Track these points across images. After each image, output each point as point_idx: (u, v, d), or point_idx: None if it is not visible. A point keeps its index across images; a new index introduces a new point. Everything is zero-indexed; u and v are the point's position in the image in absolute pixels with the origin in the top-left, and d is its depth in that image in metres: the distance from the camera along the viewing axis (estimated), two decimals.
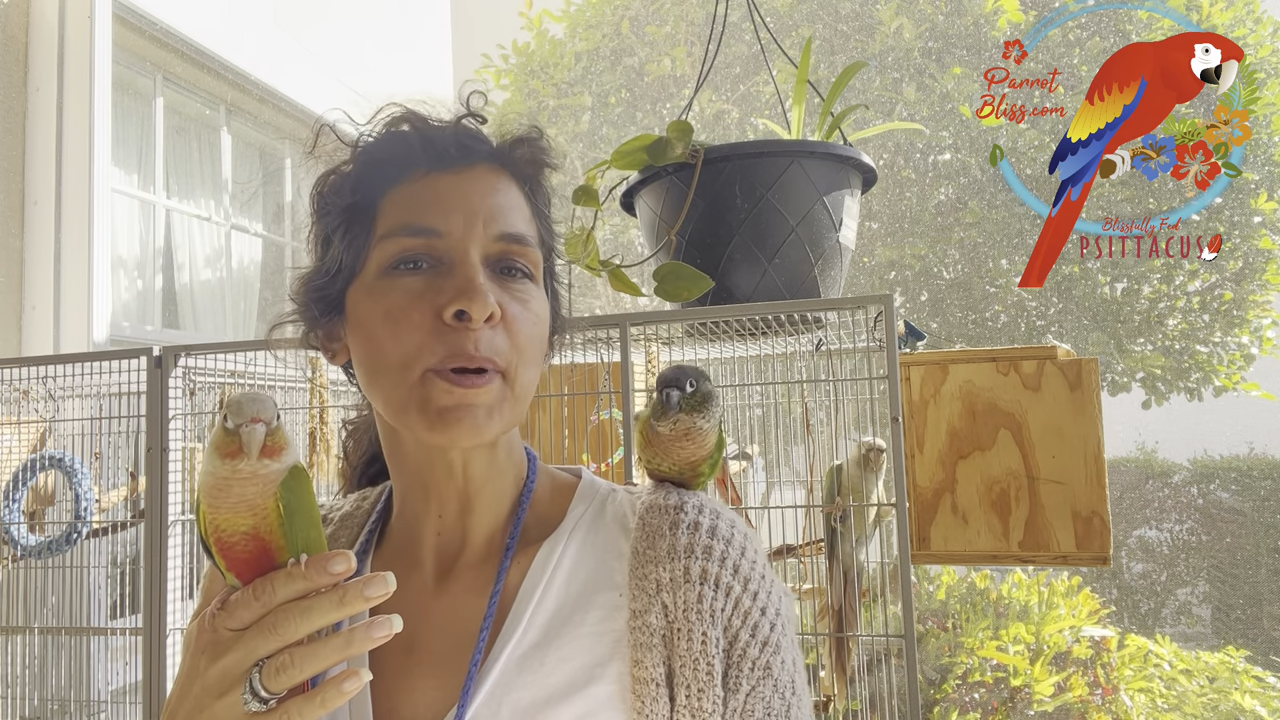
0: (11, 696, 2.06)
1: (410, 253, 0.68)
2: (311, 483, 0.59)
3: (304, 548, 0.56)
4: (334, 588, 0.53)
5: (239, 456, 0.54)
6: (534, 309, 0.70)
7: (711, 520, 0.73)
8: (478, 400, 0.66)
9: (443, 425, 0.65)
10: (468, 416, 0.66)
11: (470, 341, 0.65)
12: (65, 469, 1.98)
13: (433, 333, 0.66)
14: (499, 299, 0.67)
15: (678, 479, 0.83)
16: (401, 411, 0.67)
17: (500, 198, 0.71)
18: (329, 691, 0.52)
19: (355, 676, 0.52)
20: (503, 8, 7.00)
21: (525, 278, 0.71)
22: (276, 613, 0.53)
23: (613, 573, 0.71)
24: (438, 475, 0.72)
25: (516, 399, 0.69)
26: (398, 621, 0.53)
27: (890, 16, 5.62)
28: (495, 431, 0.67)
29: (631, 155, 1.58)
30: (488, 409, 0.66)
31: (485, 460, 0.73)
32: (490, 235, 0.69)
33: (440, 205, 0.69)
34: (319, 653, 0.52)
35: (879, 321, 1.59)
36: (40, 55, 3.25)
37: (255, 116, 4.69)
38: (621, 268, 1.58)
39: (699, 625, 0.68)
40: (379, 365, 0.68)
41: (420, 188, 0.70)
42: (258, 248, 4.83)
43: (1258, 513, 7.42)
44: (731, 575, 0.70)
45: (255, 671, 0.52)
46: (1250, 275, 5.41)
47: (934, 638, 4.23)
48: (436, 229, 0.68)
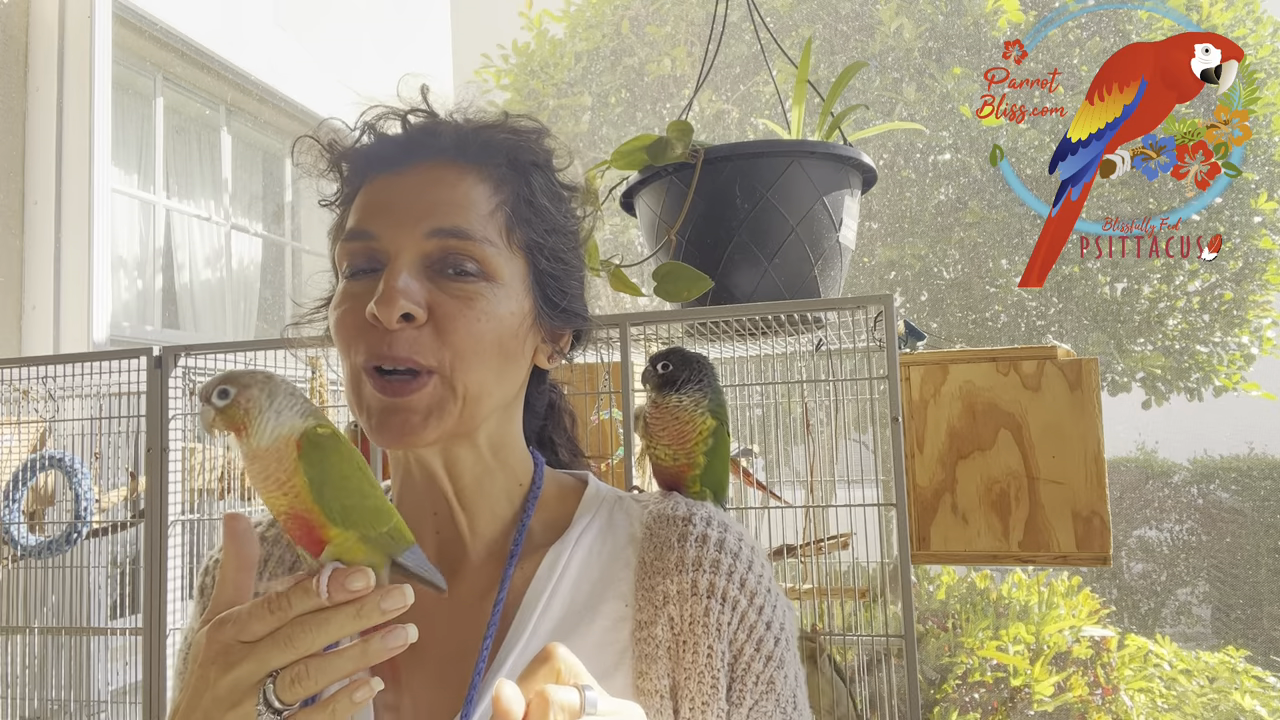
0: (11, 696, 2.06)
1: (354, 258, 0.69)
2: (343, 444, 0.56)
3: (344, 518, 0.54)
4: (352, 601, 0.52)
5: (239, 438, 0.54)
6: (480, 307, 0.67)
7: (720, 534, 0.72)
8: (407, 405, 0.65)
9: (379, 428, 0.66)
10: (398, 420, 0.65)
11: (385, 342, 0.65)
12: (65, 469, 1.98)
13: (360, 331, 0.66)
14: (431, 299, 0.66)
15: (673, 467, 0.84)
16: (356, 412, 0.69)
17: (441, 192, 0.69)
18: (341, 701, 0.51)
19: (366, 685, 0.51)
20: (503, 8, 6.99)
21: (474, 276, 0.68)
22: (292, 625, 0.52)
23: (619, 582, 0.71)
24: (423, 474, 0.73)
25: (462, 400, 0.67)
26: (413, 631, 0.53)
27: (890, 16, 5.62)
28: (434, 435, 0.66)
29: (631, 155, 1.58)
30: (423, 413, 0.65)
31: (471, 459, 0.72)
32: (421, 233, 0.67)
33: (376, 208, 0.69)
34: (335, 664, 0.51)
35: (879, 321, 1.59)
36: (40, 55, 3.25)
37: (255, 116, 4.69)
38: (621, 268, 1.58)
39: (705, 639, 0.68)
40: (341, 366, 0.70)
41: (369, 193, 0.71)
42: (258, 248, 4.82)
43: (1258, 513, 7.42)
44: (739, 590, 0.70)
45: (269, 683, 0.51)
46: (1250, 275, 5.41)
47: (934, 638, 4.23)
48: (370, 231, 0.68)
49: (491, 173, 0.71)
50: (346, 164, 0.74)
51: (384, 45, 5.64)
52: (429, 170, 0.70)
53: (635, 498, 0.78)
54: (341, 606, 0.52)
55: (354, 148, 0.74)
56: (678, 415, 0.82)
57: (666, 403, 0.83)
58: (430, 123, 0.73)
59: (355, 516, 0.55)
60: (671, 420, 0.82)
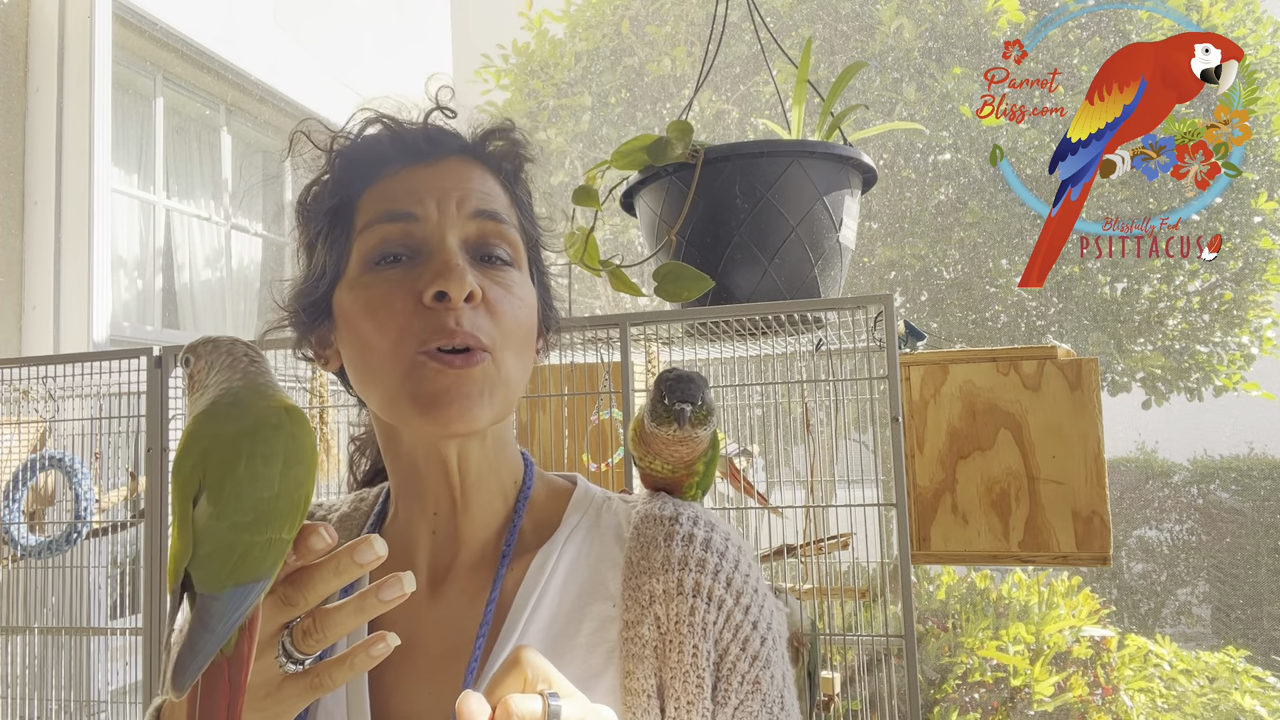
0: (11, 696, 2.06)
1: (389, 240, 0.69)
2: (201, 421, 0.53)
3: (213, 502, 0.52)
4: (330, 558, 0.53)
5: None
6: (518, 294, 0.71)
7: (706, 533, 0.72)
8: (469, 380, 0.66)
9: (434, 408, 0.65)
10: (460, 398, 0.65)
11: (451, 318, 0.65)
12: (65, 469, 1.98)
13: (415, 315, 0.66)
14: (479, 281, 0.67)
15: (670, 478, 0.83)
16: (393, 403, 0.67)
17: (475, 183, 0.72)
18: (358, 656, 0.52)
19: (383, 641, 0.52)
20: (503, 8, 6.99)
21: (506, 264, 0.71)
22: (284, 583, 0.53)
23: (607, 583, 0.71)
24: (432, 469, 0.72)
25: (505, 384, 0.68)
26: (408, 580, 0.53)
27: (890, 16, 5.62)
28: (486, 418, 0.67)
29: (631, 155, 1.58)
30: (479, 391, 0.66)
31: (478, 454, 0.73)
32: (465, 214, 0.70)
33: (415, 192, 0.70)
34: (337, 617, 0.52)
35: (879, 321, 1.59)
36: (40, 55, 3.25)
37: (255, 116, 4.69)
38: (621, 268, 1.58)
39: (690, 638, 0.68)
40: (368, 358, 0.68)
41: (395, 181, 0.71)
42: (258, 248, 4.83)
43: (1258, 513, 7.41)
44: (724, 589, 0.70)
45: (285, 635, 0.53)
46: (1250, 275, 5.41)
47: (934, 638, 4.23)
48: (413, 213, 0.69)
49: (499, 173, 0.75)
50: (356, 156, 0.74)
51: (384, 45, 5.64)
52: (456, 163, 0.73)
53: (623, 498, 0.79)
54: (323, 564, 0.52)
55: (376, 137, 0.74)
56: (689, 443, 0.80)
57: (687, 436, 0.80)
58: (447, 122, 0.75)
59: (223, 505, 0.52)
60: (680, 445, 0.80)
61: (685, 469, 0.82)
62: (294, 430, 0.54)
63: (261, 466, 0.52)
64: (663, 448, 0.81)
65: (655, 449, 0.81)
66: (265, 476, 0.51)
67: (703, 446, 0.81)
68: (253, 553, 0.49)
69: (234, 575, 0.49)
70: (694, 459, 0.82)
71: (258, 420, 0.54)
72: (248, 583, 0.49)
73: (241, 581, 0.49)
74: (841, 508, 1.72)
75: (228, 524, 0.50)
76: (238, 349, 0.59)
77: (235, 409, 0.54)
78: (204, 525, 0.50)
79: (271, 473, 0.52)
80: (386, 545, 0.53)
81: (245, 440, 0.52)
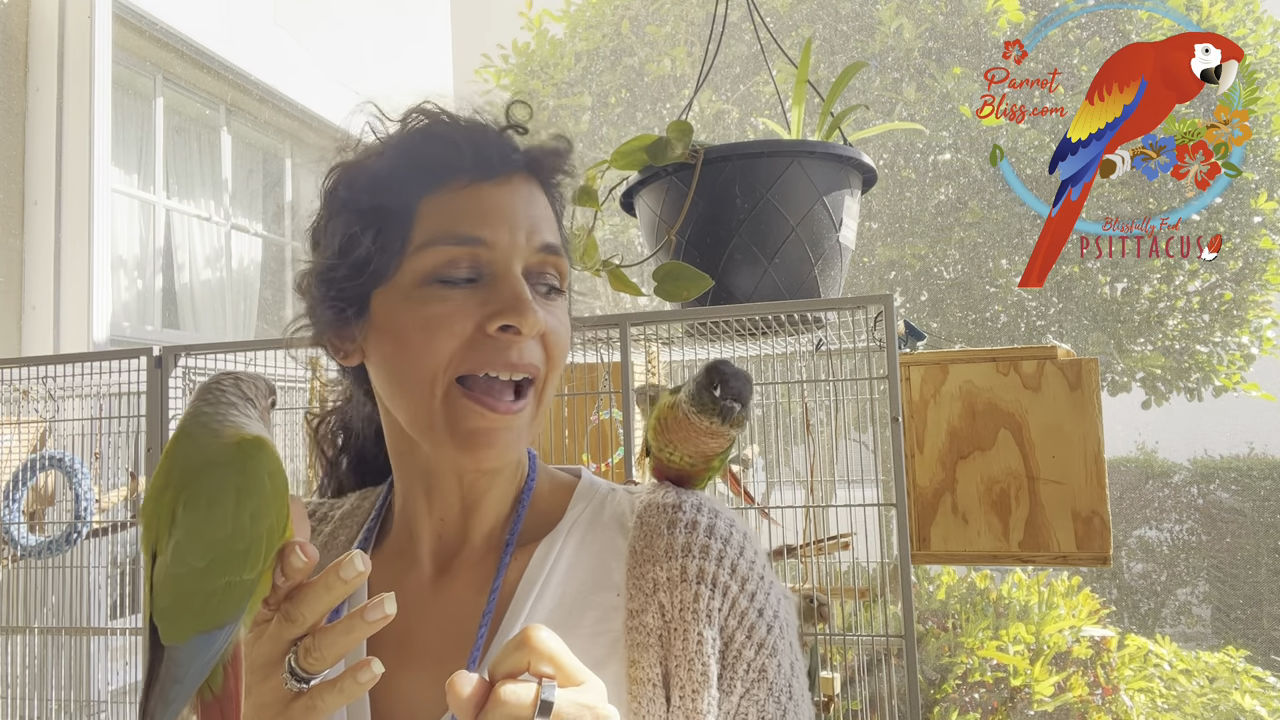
0: (11, 696, 2.06)
1: (456, 263, 0.67)
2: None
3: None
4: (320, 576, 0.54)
5: None
6: (565, 322, 0.72)
7: (710, 520, 0.72)
8: (511, 426, 0.67)
9: (473, 448, 0.66)
10: (500, 442, 0.67)
11: (515, 351, 0.66)
12: (65, 469, 1.98)
13: (470, 343, 0.66)
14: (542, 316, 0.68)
15: (686, 470, 0.82)
16: (428, 428, 0.67)
17: (537, 209, 0.72)
18: (346, 681, 0.53)
19: (367, 667, 0.53)
20: (503, 8, 6.99)
21: (557, 292, 0.72)
22: (285, 602, 0.54)
23: (610, 572, 0.71)
24: (446, 481, 0.73)
25: (540, 409, 0.70)
26: (390, 604, 0.53)
27: (890, 16, 5.62)
28: (520, 451, 0.69)
29: (631, 155, 1.58)
30: (518, 436, 0.68)
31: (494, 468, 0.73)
32: (532, 247, 0.69)
33: (486, 216, 0.68)
34: (331, 637, 0.53)
35: (879, 321, 1.59)
36: (40, 55, 3.25)
37: (255, 116, 4.69)
38: (621, 268, 1.58)
39: (694, 625, 0.67)
40: (408, 373, 0.67)
41: (465, 197, 0.69)
42: (258, 248, 4.82)
43: (1258, 513, 7.41)
44: (729, 575, 0.69)
45: (292, 654, 0.54)
46: (1250, 275, 5.41)
47: (934, 638, 4.23)
48: (483, 238, 0.68)
49: (549, 191, 0.75)
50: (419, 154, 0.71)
51: (384, 45, 5.64)
52: (521, 183, 0.72)
53: (628, 489, 0.79)
54: (315, 582, 0.54)
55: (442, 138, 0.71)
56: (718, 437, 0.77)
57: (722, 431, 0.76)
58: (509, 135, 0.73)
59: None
60: (710, 438, 0.77)
61: (704, 463, 0.81)
62: (245, 464, 0.52)
63: (207, 509, 0.50)
64: (691, 436, 0.77)
65: (679, 438, 0.78)
66: (215, 519, 0.50)
67: (726, 444, 0.81)
68: (213, 599, 0.48)
69: (196, 623, 0.48)
70: (714, 455, 0.81)
71: (205, 460, 0.52)
72: (212, 629, 0.48)
73: (206, 629, 0.48)
74: (841, 508, 1.72)
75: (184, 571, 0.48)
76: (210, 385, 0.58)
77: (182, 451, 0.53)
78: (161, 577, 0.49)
79: (222, 514, 0.50)
80: (369, 561, 0.54)
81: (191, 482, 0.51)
